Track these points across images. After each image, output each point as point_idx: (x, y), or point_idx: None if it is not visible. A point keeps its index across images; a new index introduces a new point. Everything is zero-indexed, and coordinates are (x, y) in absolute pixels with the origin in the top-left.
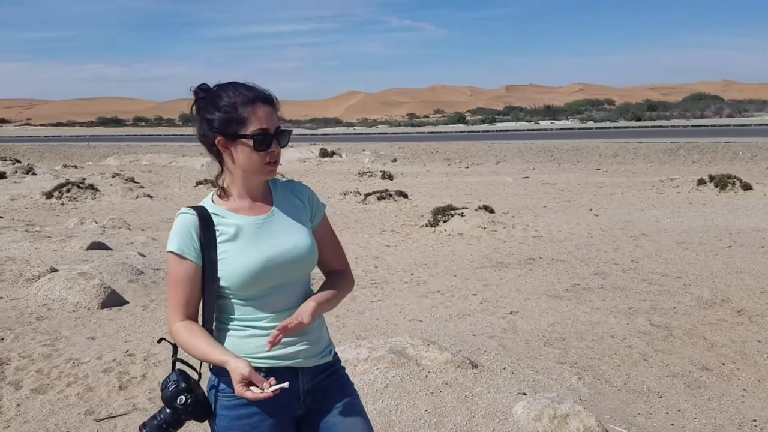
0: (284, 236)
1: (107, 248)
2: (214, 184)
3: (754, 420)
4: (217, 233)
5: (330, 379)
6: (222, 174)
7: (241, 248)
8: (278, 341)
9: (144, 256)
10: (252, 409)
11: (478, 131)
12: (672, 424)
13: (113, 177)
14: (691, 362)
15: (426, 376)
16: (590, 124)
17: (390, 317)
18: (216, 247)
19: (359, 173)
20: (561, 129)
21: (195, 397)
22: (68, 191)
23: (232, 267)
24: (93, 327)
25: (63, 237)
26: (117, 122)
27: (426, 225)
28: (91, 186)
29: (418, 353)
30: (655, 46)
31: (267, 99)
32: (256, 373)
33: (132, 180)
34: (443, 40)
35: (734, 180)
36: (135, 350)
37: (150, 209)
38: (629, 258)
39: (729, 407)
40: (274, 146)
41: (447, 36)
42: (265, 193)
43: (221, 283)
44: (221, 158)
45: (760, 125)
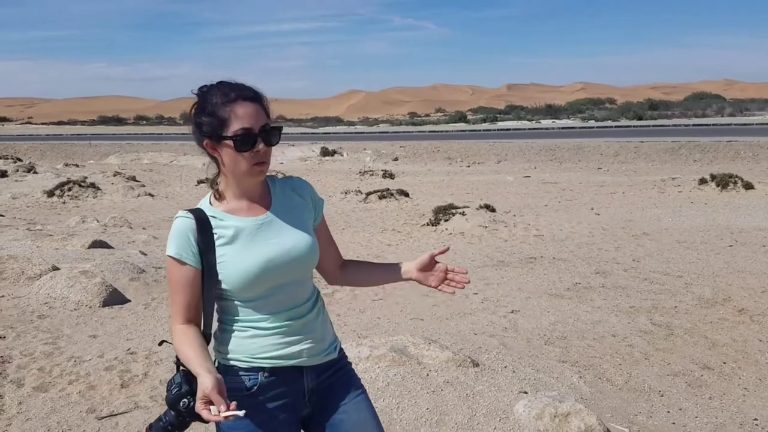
0: (284, 236)
1: (109, 247)
2: (211, 186)
3: (756, 419)
4: (215, 236)
5: (335, 376)
6: (218, 176)
7: (240, 251)
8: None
9: (145, 255)
10: (257, 409)
11: (480, 130)
12: (673, 423)
13: (114, 176)
14: (693, 361)
15: (427, 375)
16: (592, 123)
17: (391, 316)
18: (214, 251)
19: (360, 172)
20: (562, 128)
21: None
22: (70, 190)
23: (232, 270)
24: (94, 325)
25: (64, 235)
26: (118, 121)
27: (427, 224)
28: (93, 185)
29: (420, 352)
30: (657, 45)
31: (249, 97)
32: (218, 395)
33: (133, 179)
34: (445, 39)
35: (736, 179)
36: (137, 348)
37: (151, 208)
38: (630, 257)
39: (730, 406)
40: (259, 146)
41: (449, 35)
42: (263, 193)
43: (222, 286)
44: (217, 161)
45: (762, 124)
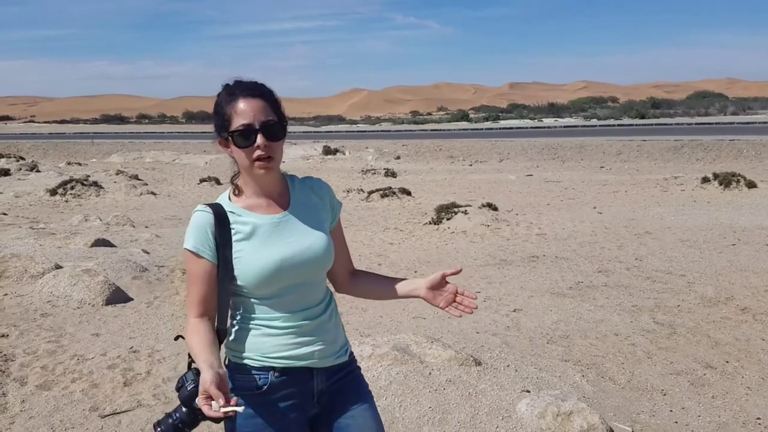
0: (300, 236)
1: (111, 245)
2: (231, 181)
3: (758, 418)
4: (233, 231)
5: (345, 380)
6: (238, 173)
7: (257, 247)
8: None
9: (148, 253)
10: (266, 408)
11: (482, 129)
12: (676, 422)
13: (117, 174)
14: (695, 360)
15: (430, 374)
16: (594, 122)
17: (393, 314)
18: (231, 246)
19: (362, 171)
20: (565, 127)
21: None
22: (72, 188)
23: (247, 266)
24: (97, 324)
25: (67, 234)
26: (121, 119)
27: (429, 222)
28: (95, 183)
29: (422, 350)
30: (660, 44)
31: (251, 93)
32: (216, 390)
33: (136, 177)
34: (447, 38)
35: (738, 178)
36: (139, 347)
37: (154, 206)
38: (633, 256)
39: (733, 405)
40: (260, 141)
41: (451, 34)
42: (282, 191)
43: (237, 282)
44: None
45: (765, 123)
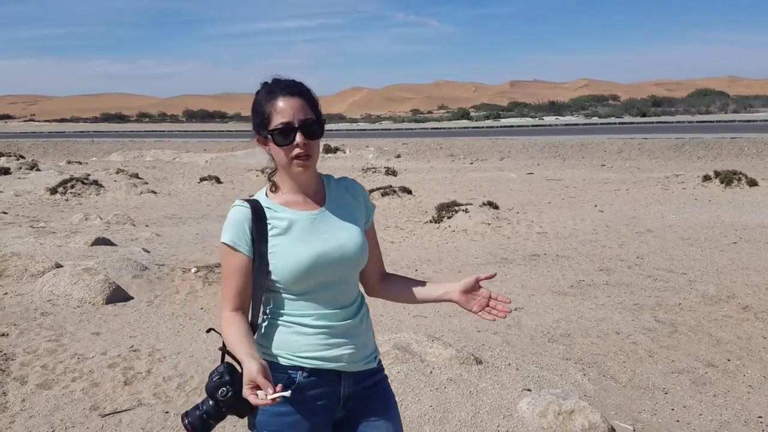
0: (336, 232)
1: (112, 244)
2: (269, 178)
3: (760, 416)
4: (269, 226)
5: (374, 389)
6: (275, 170)
7: (293, 242)
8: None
9: (148, 252)
10: (291, 408)
11: (483, 127)
12: (677, 421)
13: (117, 173)
14: (697, 358)
15: (430, 372)
16: (595, 120)
17: (394, 313)
18: (267, 241)
19: (363, 169)
20: (565, 125)
21: (236, 391)
22: (72, 187)
23: (283, 261)
24: (98, 322)
25: (67, 233)
26: (121, 118)
27: (430, 221)
28: (96, 182)
29: (423, 349)
30: (660, 42)
31: (290, 91)
32: (264, 379)
33: (136, 176)
34: (448, 36)
35: (740, 176)
36: (140, 346)
37: (154, 205)
38: (634, 254)
39: (734, 403)
40: (299, 139)
41: (452, 32)
42: (318, 189)
43: (272, 277)
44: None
45: (766, 121)
